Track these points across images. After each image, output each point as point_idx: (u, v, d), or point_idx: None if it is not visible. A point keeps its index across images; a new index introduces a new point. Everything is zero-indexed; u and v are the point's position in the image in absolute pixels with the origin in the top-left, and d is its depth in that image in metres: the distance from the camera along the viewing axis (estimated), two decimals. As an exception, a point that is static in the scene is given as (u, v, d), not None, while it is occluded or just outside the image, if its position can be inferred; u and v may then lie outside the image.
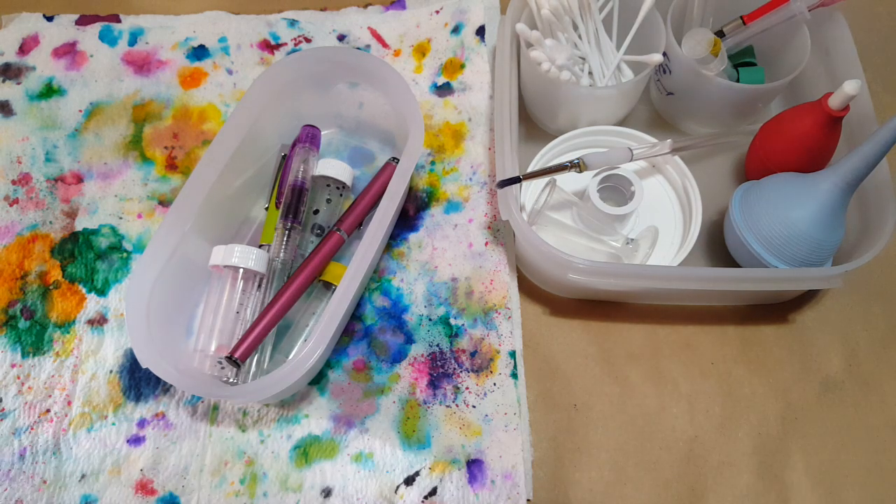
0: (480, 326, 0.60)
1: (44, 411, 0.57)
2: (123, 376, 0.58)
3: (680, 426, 0.58)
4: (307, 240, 0.62)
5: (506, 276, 0.62)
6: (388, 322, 0.61)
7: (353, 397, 0.58)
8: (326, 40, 0.74)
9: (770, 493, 0.56)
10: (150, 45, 0.73)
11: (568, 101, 0.64)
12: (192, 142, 0.68)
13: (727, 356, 0.61)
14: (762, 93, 0.62)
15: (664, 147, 0.63)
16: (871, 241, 0.57)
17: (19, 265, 0.62)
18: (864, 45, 0.65)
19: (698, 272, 0.58)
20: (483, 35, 0.72)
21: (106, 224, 0.64)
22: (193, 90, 0.71)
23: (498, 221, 0.64)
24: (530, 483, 0.55)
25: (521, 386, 0.58)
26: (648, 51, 0.62)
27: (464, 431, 0.57)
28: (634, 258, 0.59)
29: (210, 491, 0.55)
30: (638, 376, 0.60)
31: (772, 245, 0.56)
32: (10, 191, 0.65)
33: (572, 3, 0.61)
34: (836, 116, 0.56)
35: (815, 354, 0.61)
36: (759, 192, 0.58)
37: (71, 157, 0.67)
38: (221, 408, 0.57)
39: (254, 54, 0.73)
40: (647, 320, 0.62)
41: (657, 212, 0.64)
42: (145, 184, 0.66)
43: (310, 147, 0.63)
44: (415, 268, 0.63)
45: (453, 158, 0.68)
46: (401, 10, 0.76)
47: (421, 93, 0.71)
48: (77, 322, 0.60)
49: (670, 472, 0.57)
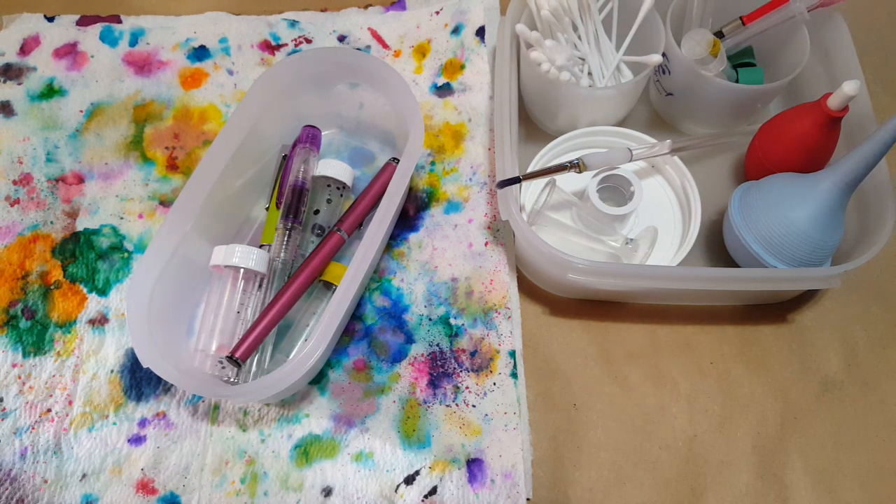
0: (480, 326, 0.61)
1: (45, 411, 0.57)
2: (124, 376, 0.58)
3: (679, 426, 0.58)
4: (307, 240, 0.62)
5: (506, 276, 0.62)
6: (388, 322, 0.61)
7: (353, 397, 0.58)
8: (327, 41, 0.74)
9: (769, 492, 0.56)
10: (151, 45, 0.73)
11: (567, 101, 0.64)
12: (192, 142, 0.68)
13: (726, 356, 0.61)
14: (761, 93, 0.63)
15: (663, 147, 0.63)
16: (870, 242, 0.57)
17: (20, 265, 0.62)
18: (863, 45, 0.65)
19: (697, 272, 0.58)
20: (483, 36, 0.72)
21: (107, 224, 0.64)
22: (194, 91, 0.71)
23: (498, 221, 0.65)
24: (530, 482, 0.55)
25: (521, 385, 0.59)
26: (648, 51, 0.62)
27: (464, 431, 0.57)
28: (634, 258, 0.59)
29: (211, 490, 0.55)
30: (637, 376, 0.60)
31: (771, 245, 0.56)
32: (12, 191, 0.65)
33: (572, 3, 0.61)
34: (835, 117, 0.56)
35: (814, 354, 0.61)
36: (759, 192, 0.58)
37: (72, 158, 0.67)
38: (222, 407, 0.58)
39: (254, 55, 0.73)
40: (646, 320, 0.62)
41: (656, 212, 0.65)
42: (146, 184, 0.66)
43: (310, 147, 0.63)
44: (415, 268, 0.63)
45: (453, 159, 0.68)
46: (401, 10, 0.76)
47: (421, 93, 0.71)
48: (78, 322, 0.60)
49: (670, 472, 0.57)
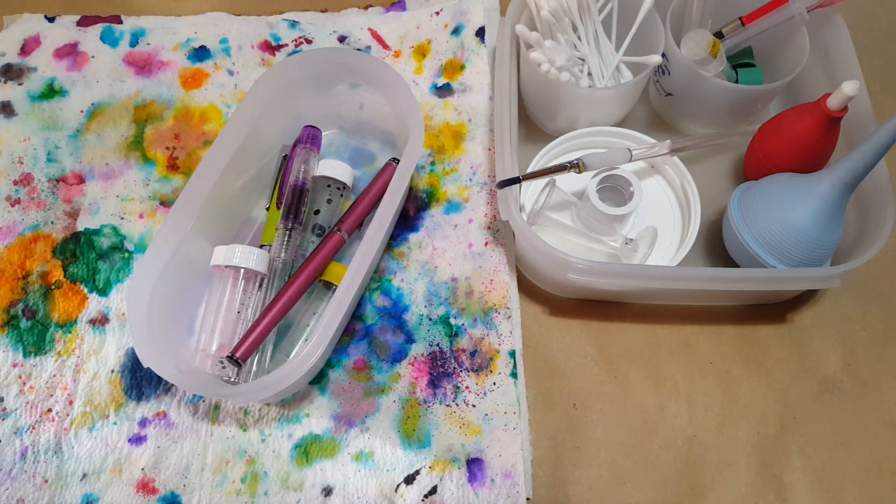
0: (480, 326, 0.61)
1: (45, 411, 0.57)
2: (125, 376, 0.58)
3: (679, 425, 0.58)
4: (308, 240, 0.62)
5: (505, 276, 0.62)
6: (388, 322, 0.61)
7: (353, 396, 0.58)
8: (327, 41, 0.74)
9: (769, 492, 0.56)
10: (152, 45, 0.73)
11: (567, 101, 0.64)
12: (193, 142, 0.68)
13: (726, 356, 0.61)
14: (761, 94, 0.63)
15: (663, 148, 0.63)
16: (869, 242, 0.57)
17: (21, 265, 0.62)
18: (862, 46, 0.65)
19: (697, 272, 0.58)
20: (483, 36, 0.73)
21: (107, 224, 0.64)
22: (195, 91, 0.71)
23: (498, 221, 0.65)
24: (530, 482, 0.56)
25: (521, 385, 0.59)
26: (647, 52, 0.62)
27: (464, 430, 0.57)
28: (633, 258, 0.60)
29: (211, 490, 0.55)
30: (637, 376, 0.60)
31: (770, 245, 0.56)
32: (12, 191, 0.65)
33: (572, 4, 0.62)
34: (834, 117, 0.56)
35: (813, 354, 0.61)
36: (758, 192, 0.58)
37: (72, 158, 0.67)
38: (222, 407, 0.58)
39: (255, 55, 0.73)
40: (646, 320, 0.62)
41: (656, 212, 0.65)
42: (147, 184, 0.66)
43: (310, 148, 0.63)
44: (415, 268, 0.63)
45: (453, 159, 0.68)
46: (401, 11, 0.76)
47: (421, 94, 0.71)
48: (78, 322, 0.60)
49: (669, 471, 0.57)
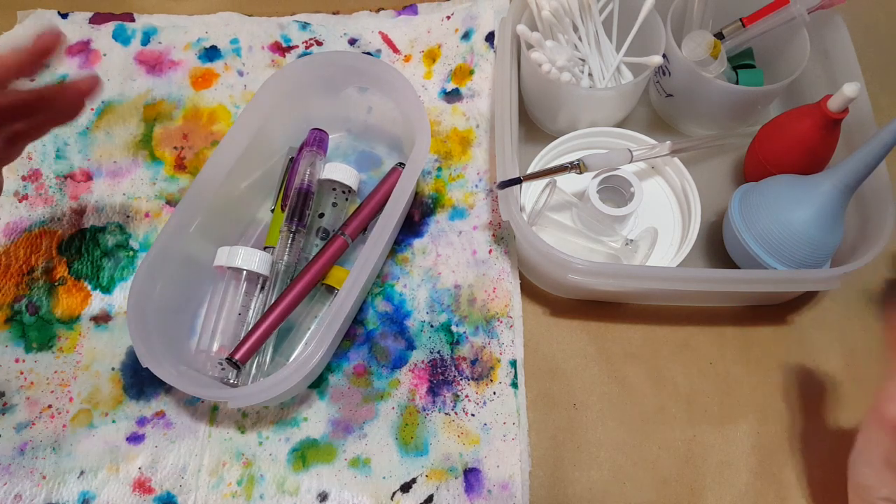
0: (482, 334, 0.60)
1: (45, 407, 0.57)
2: (125, 374, 0.58)
3: (679, 426, 0.58)
4: (311, 243, 0.62)
5: (509, 285, 0.62)
6: (389, 327, 0.61)
7: (352, 402, 0.58)
8: (338, 44, 0.74)
9: (769, 492, 0.56)
10: (163, 44, 0.73)
11: (568, 102, 0.64)
12: (201, 142, 0.68)
13: (726, 356, 0.61)
14: (761, 95, 0.62)
15: (663, 148, 0.63)
16: (869, 243, 0.56)
17: (26, 261, 0.62)
18: (862, 47, 0.64)
19: (697, 273, 0.58)
20: (492, 41, 0.72)
21: (113, 222, 0.64)
22: (204, 91, 0.71)
23: (502, 229, 0.64)
24: (527, 493, 0.55)
25: (521, 395, 0.58)
26: (648, 52, 0.62)
27: (462, 440, 0.57)
28: (634, 259, 0.59)
29: (207, 491, 0.55)
30: (637, 376, 0.60)
31: (770, 246, 0.56)
32: (20, 186, 0.66)
33: (572, 4, 0.61)
34: (835, 119, 0.56)
35: (813, 355, 0.61)
36: (758, 193, 0.58)
37: (81, 155, 0.67)
38: (221, 408, 0.58)
39: (265, 56, 0.73)
40: (646, 321, 0.62)
41: (656, 213, 0.64)
42: (154, 183, 0.66)
43: (317, 150, 0.63)
44: (418, 274, 0.63)
45: (460, 165, 0.67)
46: (412, 15, 0.76)
47: (430, 98, 0.71)
48: (81, 319, 0.60)
49: (669, 472, 0.57)
